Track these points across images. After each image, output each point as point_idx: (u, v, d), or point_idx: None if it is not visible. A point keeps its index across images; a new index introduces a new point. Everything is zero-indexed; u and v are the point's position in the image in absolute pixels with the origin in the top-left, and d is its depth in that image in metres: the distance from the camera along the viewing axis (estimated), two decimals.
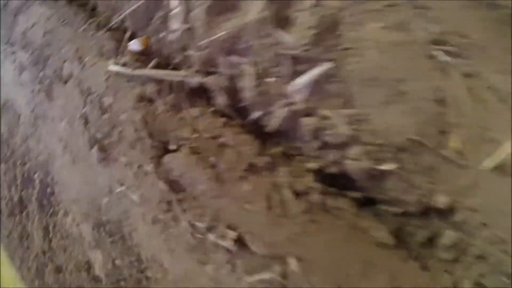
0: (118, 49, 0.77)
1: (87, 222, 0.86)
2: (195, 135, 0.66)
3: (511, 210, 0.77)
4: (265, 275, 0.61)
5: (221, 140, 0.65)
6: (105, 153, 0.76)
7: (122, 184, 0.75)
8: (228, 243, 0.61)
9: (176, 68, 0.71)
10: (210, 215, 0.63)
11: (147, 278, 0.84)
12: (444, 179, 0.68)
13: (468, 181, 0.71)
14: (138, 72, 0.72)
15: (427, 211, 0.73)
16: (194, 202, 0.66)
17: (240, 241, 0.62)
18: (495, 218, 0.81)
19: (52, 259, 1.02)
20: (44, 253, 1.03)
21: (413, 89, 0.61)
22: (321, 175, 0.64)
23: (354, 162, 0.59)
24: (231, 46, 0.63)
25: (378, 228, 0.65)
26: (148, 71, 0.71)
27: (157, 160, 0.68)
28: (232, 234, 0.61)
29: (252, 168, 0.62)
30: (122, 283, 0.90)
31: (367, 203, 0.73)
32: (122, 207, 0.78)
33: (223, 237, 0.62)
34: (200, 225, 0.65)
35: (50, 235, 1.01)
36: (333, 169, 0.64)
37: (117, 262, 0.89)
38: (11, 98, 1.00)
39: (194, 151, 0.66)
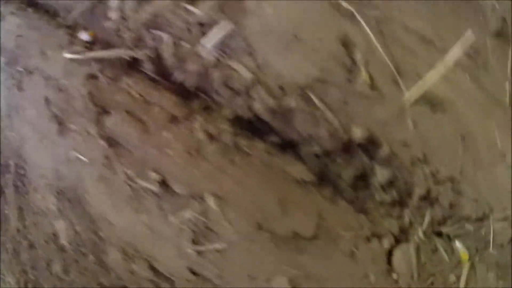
0: (72, 41, 0.93)
1: (51, 193, 0.97)
2: (129, 99, 0.79)
3: (453, 144, 0.80)
4: (187, 214, 0.69)
5: (149, 100, 0.77)
6: (62, 125, 0.89)
7: (75, 149, 0.87)
8: (153, 186, 0.71)
9: (114, 48, 0.85)
10: (139, 163, 0.73)
11: (100, 238, 0.93)
12: (359, 114, 0.74)
13: (387, 114, 0.76)
14: (86, 55, 0.87)
15: (349, 149, 0.78)
16: (128, 154, 0.77)
17: (164, 183, 0.71)
18: (433, 153, 0.83)
19: (26, 236, 1.12)
20: (18, 231, 1.13)
21: (314, 35, 0.71)
22: (238, 122, 0.74)
23: (261, 103, 0.69)
24: (152, 24, 0.78)
25: (295, 165, 0.73)
26: (93, 54, 0.87)
27: (100, 123, 0.80)
28: (156, 177, 0.70)
29: (172, 120, 0.73)
30: (82, 249, 0.98)
31: (288, 147, 0.80)
32: (77, 171, 0.90)
33: (149, 180, 0.72)
34: (131, 173, 0.75)
35: (24, 214, 1.11)
36: (246, 114, 0.73)
37: (77, 228, 0.98)
38: None
39: (128, 112, 0.78)
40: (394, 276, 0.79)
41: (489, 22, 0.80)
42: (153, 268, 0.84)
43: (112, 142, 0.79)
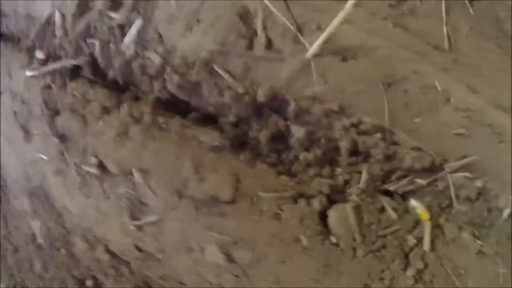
0: (31, 61, 1.09)
1: (24, 195, 1.10)
2: (73, 99, 0.91)
3: (375, 91, 0.77)
4: (121, 190, 0.77)
5: (88, 98, 0.89)
6: (27, 132, 1.04)
7: (37, 151, 0.99)
8: (94, 169, 0.80)
9: (61, 60, 0.99)
10: (82, 151, 0.84)
11: (67, 230, 1.03)
12: (262, 76, 0.79)
13: (291, 71, 0.79)
14: (40, 70, 1.02)
15: (260, 112, 0.81)
16: (74, 145, 0.88)
17: (101, 165, 0.81)
18: (351, 104, 0.81)
19: (11, 241, 1.25)
20: (4, 238, 1.26)
21: (212, 14, 0.79)
22: (160, 104, 0.83)
23: (172, 83, 0.77)
24: (86, 34, 0.91)
25: (209, 133, 0.79)
26: (46, 68, 1.01)
27: (52, 123, 0.93)
28: (94, 161, 0.80)
29: (105, 110, 0.84)
30: (55, 244, 1.09)
31: (207, 120, 0.86)
32: (41, 170, 1.03)
33: (90, 165, 0.81)
34: (78, 161, 0.85)
35: (7, 220, 1.24)
36: (163, 96, 0.82)
37: (49, 224, 1.10)
38: None
39: (72, 110, 0.90)
40: (333, 239, 0.79)
41: None
42: (109, 251, 0.92)
43: (62, 138, 0.92)
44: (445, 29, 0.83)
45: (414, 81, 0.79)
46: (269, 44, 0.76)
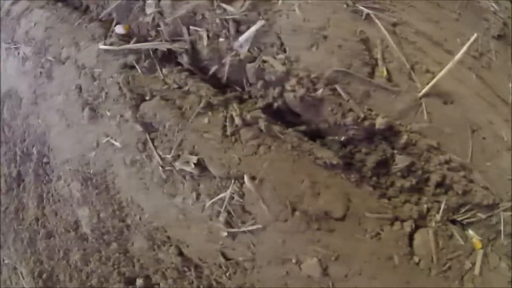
0: (107, 34, 0.99)
1: (77, 179, 1.00)
2: (165, 87, 0.85)
3: (464, 134, 0.89)
4: (222, 194, 0.74)
5: (184, 88, 0.83)
6: (94, 112, 0.94)
7: (107, 135, 0.91)
8: (191, 168, 0.76)
9: (150, 41, 0.92)
10: (176, 147, 0.79)
11: (127, 226, 0.96)
12: (379, 104, 0.84)
13: (405, 105, 0.86)
14: (121, 47, 0.93)
15: (372, 137, 0.87)
16: (164, 138, 0.82)
17: (200, 165, 0.77)
18: (446, 142, 0.92)
19: (45, 224, 1.13)
20: (37, 220, 1.14)
21: (336, 34, 0.81)
22: (269, 112, 0.81)
23: (291, 93, 0.76)
24: (189, 20, 0.85)
25: (323, 150, 0.80)
26: (129, 45, 0.93)
27: (135, 108, 0.85)
28: (193, 159, 0.76)
29: (209, 106, 0.79)
30: (106, 237, 1.01)
31: (315, 136, 0.87)
32: (107, 156, 0.94)
33: (187, 163, 0.77)
34: (168, 157, 0.79)
35: (44, 202, 1.13)
36: (277, 104, 0.81)
37: (102, 214, 1.01)
38: (14, 86, 1.20)
39: (164, 98, 0.83)
40: (416, 259, 0.86)
41: (492, 26, 0.92)
42: (182, 254, 0.88)
43: (147, 126, 0.84)
44: (510, 85, 0.96)
45: (489, 130, 0.90)
46: (389, 76, 0.79)
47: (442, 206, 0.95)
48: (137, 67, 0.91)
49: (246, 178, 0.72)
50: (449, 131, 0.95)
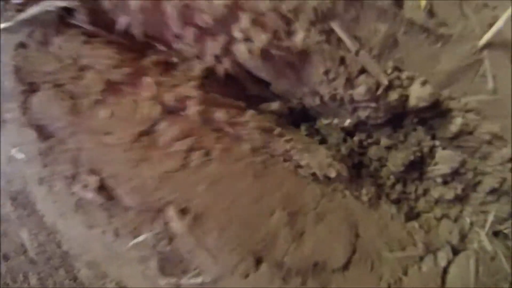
0: (6, 7, 0.72)
1: (6, 198, 0.81)
2: (59, 66, 0.55)
3: None
4: (146, 235, 0.44)
5: (81, 62, 0.52)
6: None
7: (13, 145, 0.68)
8: (92, 194, 0.47)
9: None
10: (71, 159, 0.50)
11: (66, 253, 0.76)
12: (415, 59, 0.43)
13: (458, 61, 0.44)
14: (15, 20, 0.65)
15: (398, 118, 0.46)
16: (61, 147, 0.54)
17: (105, 190, 0.47)
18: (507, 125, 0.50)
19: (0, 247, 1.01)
20: None
21: None
22: (212, 83, 0.45)
23: (243, 44, 0.39)
24: None
25: (312, 146, 0.43)
26: (22, 15, 0.64)
27: (27, 106, 0.59)
28: (94, 181, 0.46)
29: (110, 87, 0.47)
30: (51, 262, 0.83)
31: (298, 119, 0.51)
32: (21, 171, 0.71)
33: (86, 186, 0.48)
34: (67, 174, 0.52)
35: None
36: (223, 67, 0.43)
37: (40, 238, 0.82)
38: None
39: (55, 84, 0.55)
40: None
41: None
42: None
43: (42, 131, 0.57)
44: None
45: None
46: (430, 8, 0.37)
47: (490, 219, 0.57)
48: (30, 44, 0.63)
49: (171, 214, 0.40)
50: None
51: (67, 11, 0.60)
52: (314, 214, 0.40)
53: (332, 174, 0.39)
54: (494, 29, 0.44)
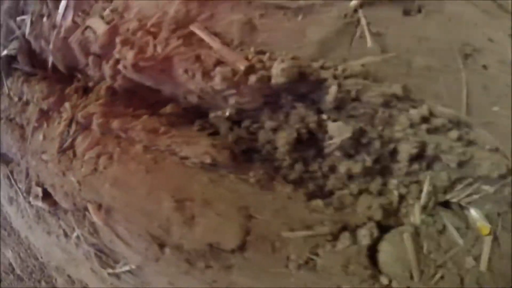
0: None
1: None
2: (9, 103, 0.68)
3: (452, 65, 0.49)
4: (79, 232, 0.55)
5: (24, 98, 0.65)
6: None
7: None
8: (40, 202, 0.59)
9: None
10: (25, 176, 0.62)
11: (42, 264, 0.87)
12: (277, 37, 0.47)
13: (330, 26, 0.46)
14: None
15: (273, 99, 0.51)
16: (17, 168, 0.66)
17: (48, 198, 0.59)
18: (423, 84, 0.50)
19: None
20: None
21: None
22: (115, 99, 0.56)
23: (122, 62, 0.48)
24: (16, 10, 0.65)
25: (194, 140, 0.51)
26: None
27: None
28: (39, 191, 0.58)
29: (42, 115, 0.60)
30: (34, 275, 0.95)
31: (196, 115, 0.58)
32: None
33: (37, 196, 0.60)
34: (24, 189, 0.64)
35: None
36: (118, 84, 0.54)
37: (21, 255, 0.94)
38: None
39: (9, 119, 0.67)
40: (384, 280, 0.55)
41: None
42: None
43: (5, 158, 0.70)
44: None
45: (491, 53, 0.47)
46: None
47: (425, 189, 0.58)
48: None
49: (90, 209, 0.51)
50: (423, 63, 0.54)
51: (11, 58, 0.73)
52: (202, 199, 0.48)
53: (207, 160, 0.48)
54: None
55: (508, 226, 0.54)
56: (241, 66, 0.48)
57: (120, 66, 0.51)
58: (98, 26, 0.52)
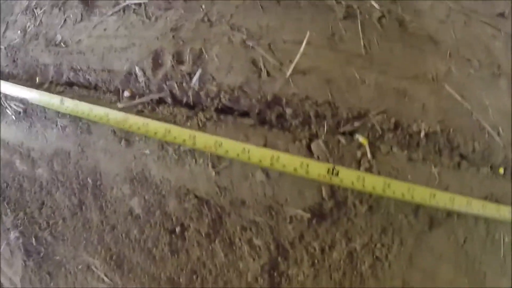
0: (119, 99, 1.87)
1: (126, 182, 1.80)
2: (162, 116, 1.73)
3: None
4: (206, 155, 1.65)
5: (173, 114, 1.74)
6: (127, 141, 1.77)
7: (140, 150, 1.74)
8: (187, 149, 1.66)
9: (146, 96, 1.82)
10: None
11: (162, 195, 1.80)
12: (267, 89, 1.88)
13: (280, 85, 1.93)
14: (132, 103, 1.81)
15: (269, 106, 1.89)
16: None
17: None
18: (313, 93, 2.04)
19: (108, 222, 1.89)
20: (102, 222, 1.90)
21: (237, 64, 1.83)
22: (219, 110, 1.76)
23: (224, 97, 1.72)
24: (164, 78, 1.78)
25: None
26: (136, 101, 1.81)
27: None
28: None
29: (188, 118, 1.70)
30: (151, 209, 1.81)
31: (244, 114, 1.84)
32: (142, 161, 1.77)
33: (185, 148, 1.66)
34: (176, 146, 1.67)
35: (104, 209, 1.90)
36: (220, 106, 1.77)
37: (146, 196, 1.81)
38: (59, 146, 1.97)
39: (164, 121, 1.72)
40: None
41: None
42: (196, 197, 1.71)
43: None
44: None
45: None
46: (268, 74, 1.78)
47: (325, 126, 1.82)
48: (144, 111, 1.80)
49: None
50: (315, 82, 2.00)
51: (160, 99, 1.81)
52: None
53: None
54: (290, 68, 1.60)
55: (384, 142, 1.37)
56: (259, 97, 1.82)
57: (222, 99, 1.74)
58: (214, 88, 1.75)
